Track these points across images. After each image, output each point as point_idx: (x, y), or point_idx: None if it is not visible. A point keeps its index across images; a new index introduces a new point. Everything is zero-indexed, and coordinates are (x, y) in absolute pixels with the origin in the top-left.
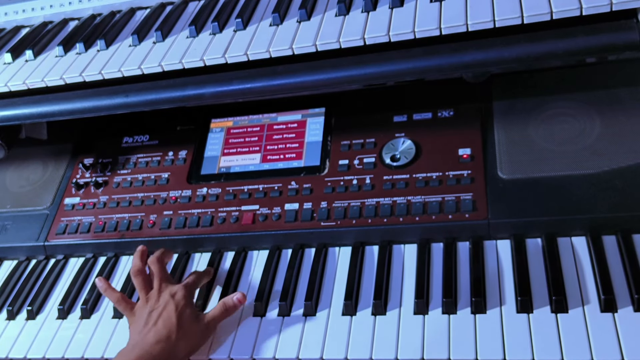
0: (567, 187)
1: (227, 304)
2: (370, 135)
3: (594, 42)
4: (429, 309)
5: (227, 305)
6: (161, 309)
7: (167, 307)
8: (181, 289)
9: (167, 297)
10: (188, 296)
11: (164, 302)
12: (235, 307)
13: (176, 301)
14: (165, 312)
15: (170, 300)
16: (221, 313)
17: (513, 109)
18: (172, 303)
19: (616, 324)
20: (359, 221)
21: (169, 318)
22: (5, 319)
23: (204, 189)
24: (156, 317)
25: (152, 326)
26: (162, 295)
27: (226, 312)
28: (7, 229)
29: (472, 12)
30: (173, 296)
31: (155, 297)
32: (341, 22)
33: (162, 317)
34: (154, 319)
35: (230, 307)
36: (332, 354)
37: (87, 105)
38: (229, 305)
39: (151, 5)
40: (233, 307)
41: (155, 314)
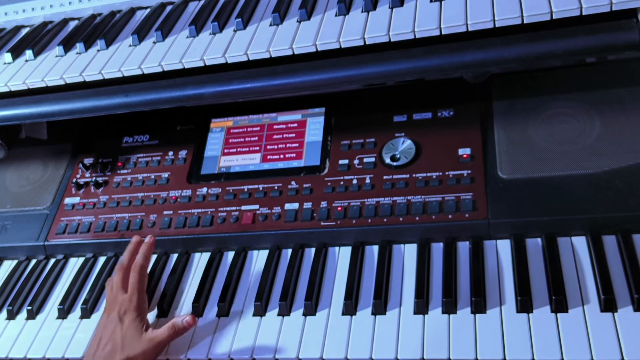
0: (567, 187)
1: (177, 326)
2: (370, 135)
3: (594, 42)
4: (429, 309)
5: (177, 326)
6: (109, 333)
7: (115, 330)
8: (132, 305)
9: (115, 316)
10: (135, 313)
11: (113, 323)
12: (185, 329)
13: (123, 322)
14: (113, 335)
15: (118, 322)
16: (169, 335)
17: (513, 109)
18: (119, 326)
19: (616, 323)
20: (359, 221)
21: (114, 341)
22: (5, 319)
23: (204, 188)
24: (106, 340)
25: (101, 350)
26: (112, 314)
27: (175, 333)
28: (7, 228)
29: (472, 12)
30: (122, 317)
31: (107, 312)
32: (341, 22)
33: (110, 342)
34: (104, 341)
35: (179, 328)
36: (332, 354)
37: (87, 105)
38: (179, 327)
39: (151, 5)
40: (182, 329)
41: (106, 336)
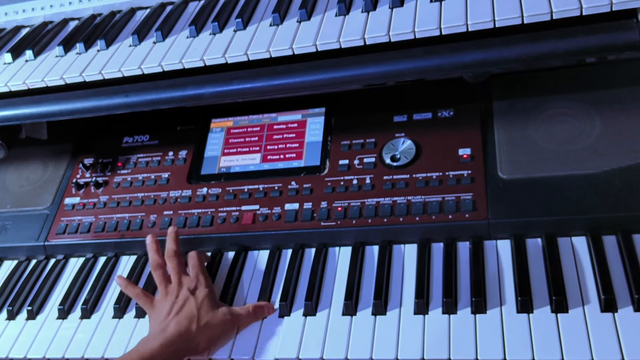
0: (567, 187)
1: (258, 308)
2: (370, 135)
3: (594, 42)
4: (429, 309)
5: (257, 308)
6: (182, 302)
7: (188, 301)
8: (199, 282)
9: (186, 292)
10: (207, 288)
11: (184, 296)
12: (264, 313)
13: (196, 295)
14: (187, 305)
15: (190, 295)
16: (247, 314)
17: (513, 109)
18: (192, 297)
19: (616, 324)
20: (359, 221)
21: (190, 311)
22: (5, 319)
23: (204, 189)
24: (177, 309)
25: (173, 317)
26: (182, 290)
27: (254, 314)
28: (7, 229)
29: (472, 12)
30: (193, 291)
31: (175, 291)
32: (341, 22)
33: (183, 310)
34: (175, 311)
35: (259, 311)
36: (332, 354)
37: (87, 105)
38: (259, 309)
39: (151, 5)
40: (261, 312)
41: (177, 307)
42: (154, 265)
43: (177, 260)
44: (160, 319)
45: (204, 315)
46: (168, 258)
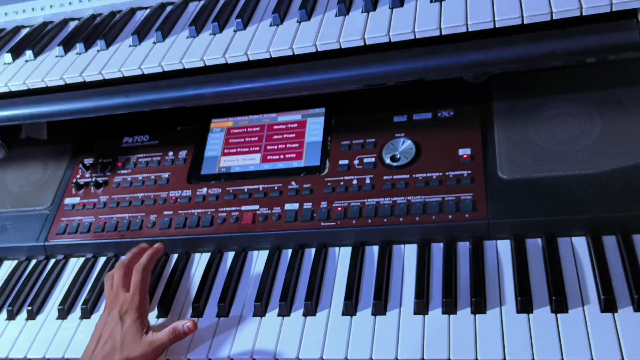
0: (567, 187)
1: (177, 330)
2: (370, 135)
3: (594, 42)
4: (429, 309)
5: (177, 331)
6: (108, 333)
7: (114, 331)
8: (132, 306)
9: (116, 316)
10: (137, 314)
11: (113, 322)
12: (185, 333)
13: (124, 321)
14: (111, 336)
15: (118, 322)
16: (169, 339)
17: (513, 109)
18: (119, 325)
19: (616, 324)
20: (359, 221)
21: (114, 342)
22: (5, 319)
23: (204, 189)
24: (105, 338)
25: (101, 348)
26: (113, 312)
27: (175, 337)
28: (7, 229)
29: (472, 12)
30: (122, 316)
31: (107, 310)
32: (341, 22)
33: (109, 341)
34: (103, 341)
35: (180, 333)
36: (332, 354)
37: (87, 105)
38: (179, 331)
39: (151, 5)
40: (183, 333)
41: (105, 334)
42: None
43: (123, 272)
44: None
45: (126, 347)
46: (117, 266)
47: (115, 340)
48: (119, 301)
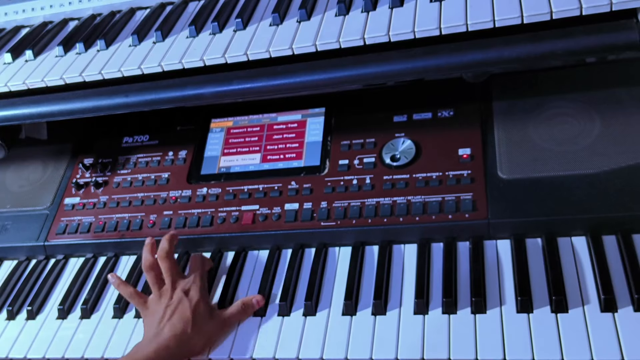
0: (567, 187)
1: (246, 303)
2: (370, 135)
3: (594, 42)
4: (429, 309)
5: (246, 304)
6: (175, 305)
7: (181, 303)
8: (194, 284)
9: (180, 293)
10: (201, 291)
11: (178, 298)
12: (254, 307)
13: (190, 297)
14: (180, 307)
15: (184, 297)
16: (238, 311)
17: (513, 109)
18: (186, 299)
19: (616, 323)
20: (359, 221)
21: (183, 313)
22: (5, 319)
23: (204, 189)
24: (171, 312)
25: (167, 321)
26: (175, 292)
27: (245, 311)
28: (7, 229)
29: (472, 12)
30: (187, 292)
31: (169, 293)
32: (341, 22)
33: (177, 313)
34: (168, 314)
35: (248, 306)
36: (332, 354)
37: (87, 105)
38: (248, 304)
39: (151, 5)
40: (251, 307)
41: (170, 310)
42: (146, 265)
43: (169, 262)
44: (154, 323)
45: (198, 318)
46: (160, 259)
47: (185, 315)
48: (179, 285)
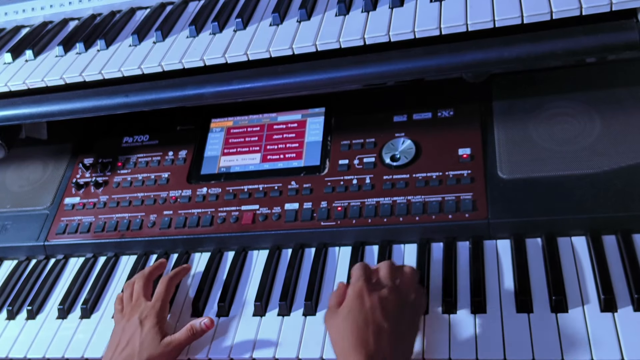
0: (567, 187)
1: (195, 328)
2: (370, 135)
3: (594, 42)
4: (428, 309)
5: (195, 329)
6: (128, 336)
7: (134, 335)
8: (153, 312)
9: (136, 321)
10: (157, 319)
11: (132, 327)
12: (203, 331)
13: (144, 325)
14: (132, 340)
15: (138, 327)
16: (187, 337)
17: (513, 109)
18: (139, 329)
19: (616, 323)
20: (359, 221)
21: (132, 347)
22: (5, 319)
23: (204, 188)
24: (124, 344)
25: (119, 353)
26: (133, 320)
27: (193, 336)
28: (7, 228)
29: (472, 12)
30: (143, 320)
31: (127, 316)
32: (341, 22)
33: (128, 346)
34: (122, 345)
35: (197, 331)
36: (332, 354)
37: (87, 105)
38: (197, 329)
39: (151, 5)
40: (200, 331)
41: (124, 338)
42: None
43: (144, 282)
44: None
45: (144, 350)
46: (138, 276)
47: (134, 345)
48: (139, 308)
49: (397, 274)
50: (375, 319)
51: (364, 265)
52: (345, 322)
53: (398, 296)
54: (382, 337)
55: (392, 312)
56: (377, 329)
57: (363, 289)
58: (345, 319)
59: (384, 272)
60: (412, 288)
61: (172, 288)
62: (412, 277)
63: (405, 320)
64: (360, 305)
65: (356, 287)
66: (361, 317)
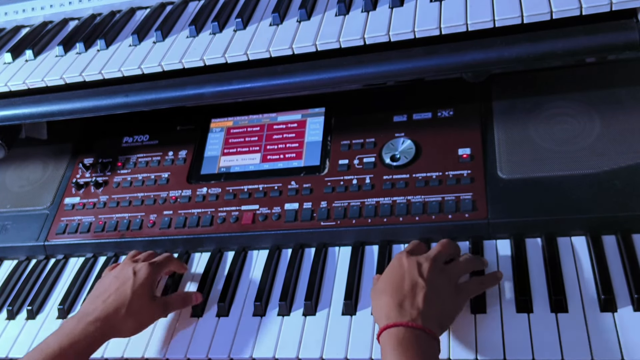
0: (567, 187)
1: (188, 296)
2: (370, 135)
3: (594, 42)
4: None
5: (187, 297)
6: (120, 282)
7: (126, 282)
8: (146, 267)
9: (130, 271)
10: (150, 275)
11: (125, 276)
12: (192, 302)
13: (137, 276)
14: (123, 286)
15: (131, 276)
16: (178, 301)
17: (513, 109)
18: (132, 278)
19: (616, 323)
20: (359, 221)
21: (123, 293)
22: (5, 319)
23: (204, 188)
24: (113, 289)
25: (107, 297)
26: (126, 268)
27: (183, 301)
28: (7, 228)
29: (472, 11)
30: (135, 273)
31: (124, 264)
32: (341, 22)
33: (118, 291)
34: (112, 288)
35: (188, 299)
36: (332, 354)
37: (87, 105)
38: (189, 298)
39: (151, 5)
40: (190, 300)
41: (114, 285)
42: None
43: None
44: (97, 292)
45: (135, 301)
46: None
47: (125, 293)
48: (135, 264)
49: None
50: (412, 276)
51: (415, 242)
52: (384, 281)
53: (435, 265)
54: (416, 289)
55: (428, 274)
56: (412, 282)
57: (403, 255)
58: (383, 279)
59: (433, 249)
60: (459, 269)
61: (171, 262)
62: (465, 263)
63: (444, 287)
64: (398, 266)
65: (397, 255)
66: (398, 274)
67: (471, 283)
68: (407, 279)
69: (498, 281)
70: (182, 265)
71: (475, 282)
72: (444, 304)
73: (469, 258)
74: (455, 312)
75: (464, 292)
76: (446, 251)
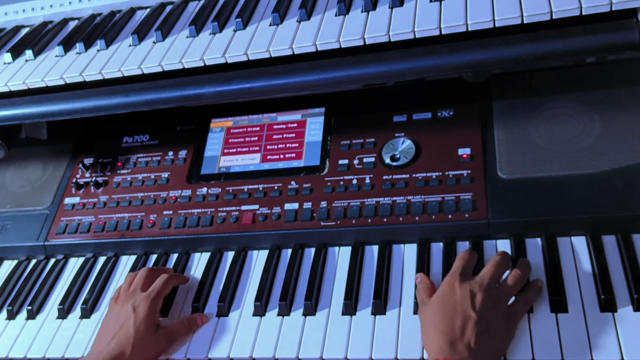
0: (567, 187)
1: (191, 321)
2: (370, 135)
3: (594, 42)
4: None
5: (190, 321)
6: (122, 320)
7: (127, 320)
8: (144, 301)
9: (129, 308)
10: (149, 308)
11: (126, 314)
12: (198, 326)
13: (137, 313)
14: (125, 324)
15: (131, 313)
16: (182, 328)
17: (513, 109)
18: (133, 316)
19: (616, 323)
20: (359, 221)
21: (127, 331)
22: (5, 319)
23: (204, 188)
24: (117, 328)
25: (112, 338)
26: (126, 304)
27: (188, 327)
28: (7, 228)
29: (472, 12)
30: (135, 309)
31: (121, 302)
32: (341, 22)
33: (122, 329)
34: (115, 329)
35: (194, 324)
36: (332, 354)
37: (87, 105)
38: (192, 322)
39: (151, 5)
40: (195, 325)
41: (117, 324)
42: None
43: (146, 275)
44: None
45: (139, 340)
46: (141, 270)
47: (128, 330)
48: (134, 296)
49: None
50: (464, 309)
51: (464, 257)
52: (435, 310)
53: (488, 295)
54: (468, 326)
55: (480, 306)
56: (464, 318)
57: (456, 280)
58: (434, 306)
59: (485, 270)
60: (509, 292)
61: (169, 285)
62: (515, 283)
63: (496, 319)
64: (451, 295)
65: (451, 278)
66: (450, 305)
67: (519, 304)
68: (459, 313)
69: (540, 291)
70: (182, 279)
71: (521, 302)
72: (495, 338)
73: (517, 276)
74: (507, 345)
75: (515, 317)
76: (499, 273)
